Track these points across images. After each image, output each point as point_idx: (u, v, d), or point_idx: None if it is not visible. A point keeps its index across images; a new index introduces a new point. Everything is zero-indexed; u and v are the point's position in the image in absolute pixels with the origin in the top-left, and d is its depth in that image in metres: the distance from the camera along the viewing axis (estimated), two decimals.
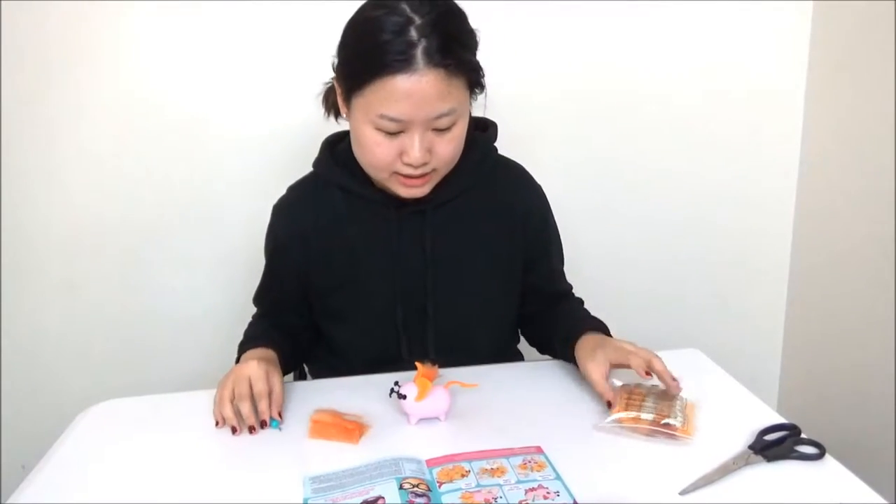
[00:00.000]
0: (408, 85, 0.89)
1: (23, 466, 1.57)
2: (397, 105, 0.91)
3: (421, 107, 0.91)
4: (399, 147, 0.95)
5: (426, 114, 0.92)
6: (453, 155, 1.00)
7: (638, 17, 1.66)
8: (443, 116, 0.93)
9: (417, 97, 0.90)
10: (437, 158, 0.98)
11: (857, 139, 1.62)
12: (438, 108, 0.92)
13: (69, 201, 1.64)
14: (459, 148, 1.00)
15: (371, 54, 0.90)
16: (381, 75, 0.90)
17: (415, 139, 0.94)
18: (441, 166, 1.00)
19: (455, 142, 0.98)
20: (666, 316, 1.86)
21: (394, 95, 0.90)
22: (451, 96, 0.92)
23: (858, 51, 1.60)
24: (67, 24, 1.52)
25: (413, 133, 0.94)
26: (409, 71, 0.89)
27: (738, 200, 1.82)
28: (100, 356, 1.73)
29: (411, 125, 0.93)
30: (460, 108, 0.95)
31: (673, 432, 0.89)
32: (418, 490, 0.80)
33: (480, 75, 0.99)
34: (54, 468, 0.91)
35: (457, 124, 0.97)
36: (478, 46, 0.98)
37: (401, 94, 0.90)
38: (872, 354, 1.58)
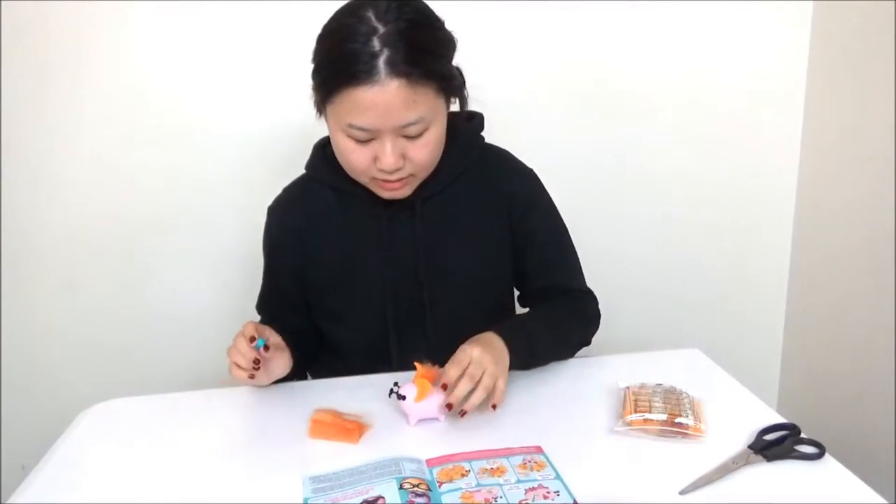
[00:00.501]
0: (371, 96, 0.89)
1: (23, 466, 1.57)
2: (363, 115, 0.91)
3: (386, 116, 0.91)
4: (372, 153, 0.96)
5: (392, 123, 0.92)
6: (429, 159, 1.00)
7: (638, 16, 1.66)
8: (410, 125, 0.93)
9: (382, 107, 0.90)
10: (412, 164, 0.98)
11: (857, 139, 1.62)
12: (405, 117, 0.92)
13: (69, 201, 1.64)
14: (435, 152, 1.00)
15: (336, 65, 0.91)
16: (345, 86, 0.90)
17: (385, 146, 0.94)
18: (418, 171, 1.00)
19: (429, 146, 0.98)
20: (666, 316, 1.86)
21: (359, 106, 0.91)
22: (417, 104, 0.92)
23: (858, 51, 1.60)
24: (67, 24, 1.52)
25: (384, 140, 0.94)
26: (371, 82, 0.89)
27: (738, 200, 1.82)
28: (100, 356, 1.73)
29: (380, 133, 0.94)
30: (430, 115, 0.95)
31: (685, 431, 0.89)
32: (418, 490, 0.80)
33: (454, 82, 0.99)
34: (54, 468, 0.91)
35: (429, 130, 0.96)
36: (453, 51, 0.98)
37: (365, 104, 0.90)
38: (872, 354, 1.58)
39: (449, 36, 0.98)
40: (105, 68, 1.57)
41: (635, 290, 1.85)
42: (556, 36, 1.65)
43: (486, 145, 1.17)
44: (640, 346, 1.23)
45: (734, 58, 1.72)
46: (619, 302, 1.84)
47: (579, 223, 1.76)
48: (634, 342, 1.73)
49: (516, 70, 1.65)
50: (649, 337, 1.81)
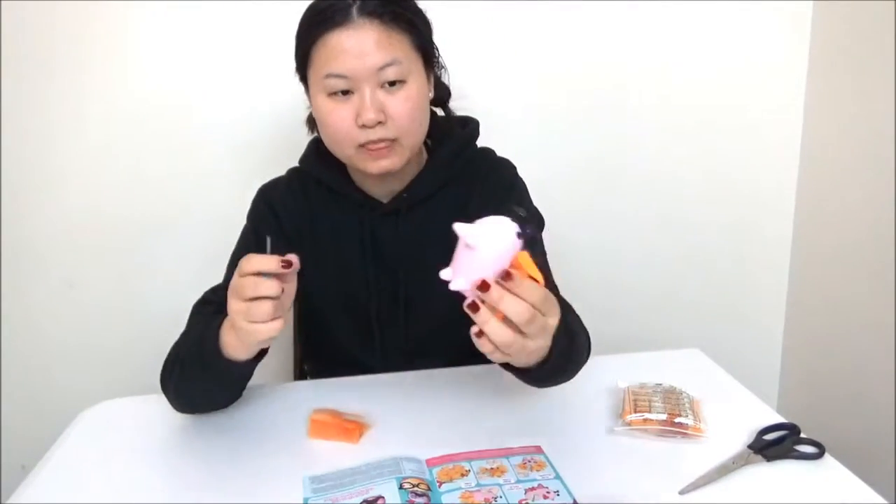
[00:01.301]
0: (344, 38, 0.93)
1: (23, 466, 1.57)
2: (338, 60, 0.94)
3: (361, 58, 0.93)
4: (353, 112, 0.96)
5: (368, 65, 0.93)
6: (410, 118, 0.98)
7: (638, 16, 1.66)
8: (387, 67, 0.94)
9: (357, 49, 0.93)
10: (393, 122, 0.97)
11: (857, 139, 1.62)
12: (379, 57, 0.93)
13: (69, 201, 1.64)
14: (417, 113, 0.99)
15: (311, 21, 0.97)
16: (320, 35, 0.94)
17: (364, 95, 0.94)
18: (401, 133, 0.98)
19: (410, 102, 0.97)
20: (666, 316, 1.86)
21: (334, 51, 0.94)
22: (392, 47, 0.94)
23: (858, 51, 1.60)
24: (67, 24, 1.52)
25: (362, 90, 0.95)
26: (345, 25, 0.93)
27: (738, 200, 1.82)
28: (100, 356, 1.73)
29: (358, 82, 0.94)
30: (407, 62, 0.96)
31: (685, 431, 0.89)
32: (418, 490, 0.80)
33: (430, 48, 1.02)
34: (54, 468, 0.92)
35: (408, 83, 0.97)
36: (427, 24, 1.02)
37: (340, 48, 0.93)
38: (872, 354, 1.58)
39: (421, 10, 1.01)
40: (105, 68, 1.57)
41: (635, 290, 1.85)
42: (555, 36, 1.65)
43: (482, 153, 1.15)
44: (639, 346, 1.23)
45: (734, 58, 1.72)
46: (619, 301, 1.85)
47: (579, 223, 1.77)
48: (634, 342, 1.74)
49: (514, 69, 1.65)
50: (649, 337, 1.81)
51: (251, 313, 0.79)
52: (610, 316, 1.81)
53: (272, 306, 0.79)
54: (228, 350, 0.87)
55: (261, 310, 0.78)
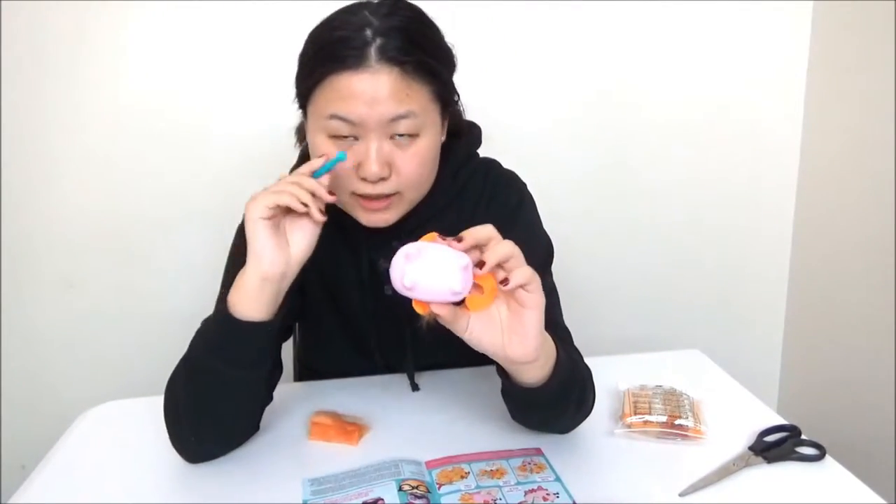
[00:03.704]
0: (358, 82, 0.81)
1: (23, 467, 1.57)
2: (347, 104, 0.82)
3: (373, 107, 0.82)
4: (354, 159, 0.85)
5: (380, 115, 0.82)
6: (418, 175, 0.88)
7: (637, 17, 1.66)
8: (400, 119, 0.83)
9: (369, 95, 0.82)
10: (399, 177, 0.87)
11: (856, 139, 1.62)
12: (393, 109, 0.83)
13: (69, 201, 1.64)
14: (426, 169, 0.89)
15: (322, 52, 0.84)
16: (330, 73, 0.83)
17: (370, 147, 0.84)
18: (406, 188, 0.88)
19: (419, 158, 0.87)
20: (666, 317, 1.86)
21: (343, 93, 0.82)
22: (409, 99, 0.83)
23: (858, 51, 1.60)
24: (67, 24, 1.52)
25: (368, 140, 0.84)
26: (361, 67, 0.81)
27: (739, 201, 1.82)
28: (100, 356, 1.73)
29: (365, 130, 0.84)
30: (423, 115, 0.85)
31: (685, 433, 0.89)
32: (418, 492, 0.80)
33: (451, 95, 0.92)
34: (55, 469, 0.91)
35: (421, 137, 0.86)
36: (453, 65, 0.92)
37: (351, 91, 0.82)
38: (873, 355, 1.58)
39: (448, 47, 0.91)
40: (105, 69, 1.57)
41: (636, 291, 1.85)
42: (555, 37, 1.65)
43: (486, 167, 1.05)
44: (639, 348, 1.23)
45: (734, 58, 1.72)
46: (620, 303, 1.85)
47: (579, 224, 1.77)
48: (634, 343, 1.74)
49: (514, 71, 1.65)
50: (649, 338, 1.81)
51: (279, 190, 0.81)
52: (610, 317, 1.81)
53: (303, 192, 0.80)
54: (239, 306, 0.82)
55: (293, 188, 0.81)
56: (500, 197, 1.02)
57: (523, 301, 0.72)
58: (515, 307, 0.73)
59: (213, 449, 0.89)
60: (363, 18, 0.84)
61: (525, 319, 0.73)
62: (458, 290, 0.69)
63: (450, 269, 0.69)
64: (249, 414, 0.92)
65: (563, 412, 0.87)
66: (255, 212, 0.80)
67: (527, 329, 0.73)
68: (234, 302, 0.82)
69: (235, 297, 0.82)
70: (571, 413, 0.88)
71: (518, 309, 0.73)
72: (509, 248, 0.71)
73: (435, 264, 0.69)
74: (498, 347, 0.75)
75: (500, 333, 0.75)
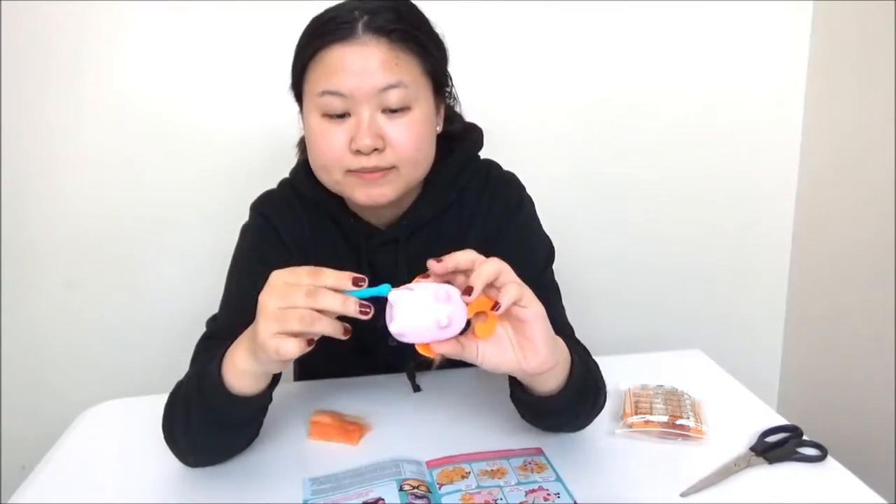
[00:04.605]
0: (346, 54, 0.84)
1: (23, 467, 1.57)
2: (337, 77, 0.84)
3: (363, 77, 0.83)
4: (347, 135, 0.86)
5: (370, 85, 0.84)
6: (413, 148, 0.88)
7: (637, 17, 1.66)
8: (390, 88, 0.84)
9: (359, 66, 0.83)
10: (393, 149, 0.86)
11: (857, 139, 1.62)
12: (383, 79, 0.84)
13: (69, 201, 1.63)
14: (421, 143, 0.88)
15: (313, 32, 0.88)
16: (321, 48, 0.85)
17: (362, 118, 0.85)
18: (401, 162, 0.87)
19: (412, 131, 0.87)
20: (666, 317, 1.86)
21: (333, 66, 0.84)
22: (398, 69, 0.85)
23: (858, 51, 1.60)
24: (67, 24, 1.52)
25: (360, 113, 0.85)
26: (349, 40, 0.84)
27: (738, 200, 1.82)
28: (100, 356, 1.72)
29: (356, 103, 0.84)
30: (413, 87, 0.86)
31: (687, 433, 0.89)
32: (418, 491, 0.80)
33: (442, 74, 0.93)
34: (54, 469, 0.91)
35: (413, 110, 0.87)
36: (443, 49, 0.94)
37: (340, 64, 0.84)
38: (873, 355, 1.58)
39: (437, 33, 0.93)
40: (105, 68, 1.57)
41: (636, 292, 1.85)
42: (555, 38, 1.65)
43: (486, 168, 1.04)
44: (640, 348, 1.23)
45: (734, 58, 1.72)
46: (620, 303, 1.85)
47: (579, 224, 1.77)
48: (635, 343, 1.74)
49: (514, 72, 1.65)
50: (650, 338, 1.81)
51: (298, 322, 0.68)
52: (611, 317, 1.81)
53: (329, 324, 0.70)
54: (234, 383, 0.78)
55: (314, 323, 0.69)
56: (499, 198, 1.01)
57: (521, 316, 0.72)
58: (516, 323, 0.73)
59: (213, 461, 0.90)
60: (353, 3, 0.87)
61: (529, 332, 0.73)
62: (445, 323, 0.67)
63: (428, 304, 0.67)
64: (247, 441, 0.92)
65: (579, 413, 0.88)
66: (285, 352, 0.70)
67: (535, 340, 0.73)
68: (229, 378, 0.78)
69: (230, 374, 0.78)
70: (587, 412, 0.89)
71: (519, 324, 0.73)
72: (495, 266, 0.70)
73: (414, 304, 0.68)
74: (514, 365, 0.74)
75: (512, 351, 0.74)
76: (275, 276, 0.72)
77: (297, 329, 0.69)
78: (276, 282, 0.71)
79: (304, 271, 0.71)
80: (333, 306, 0.69)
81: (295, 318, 0.69)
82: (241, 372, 0.77)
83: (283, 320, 0.69)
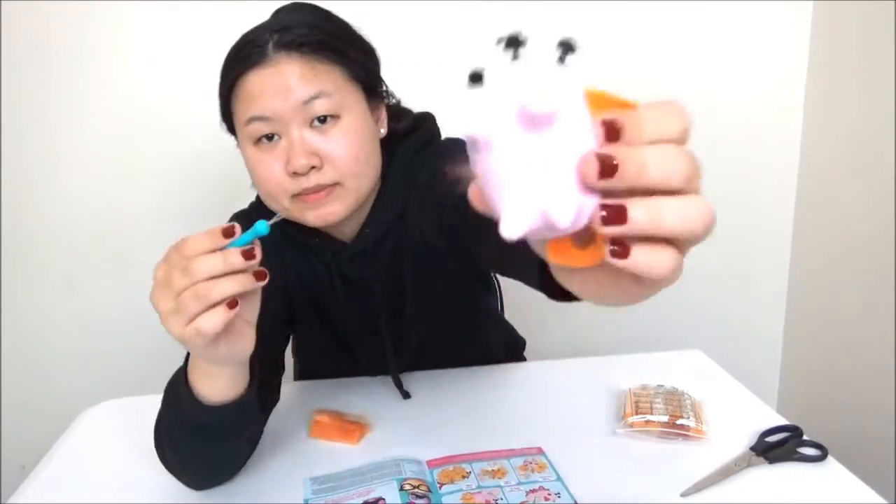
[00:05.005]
0: (263, 76, 0.82)
1: (23, 466, 1.57)
2: (259, 101, 0.82)
3: (283, 96, 0.81)
4: (283, 159, 0.83)
5: (291, 102, 0.81)
6: (351, 158, 0.84)
7: (637, 17, 1.66)
8: (313, 101, 0.82)
9: (277, 86, 0.82)
10: (331, 164, 0.83)
11: (857, 139, 1.62)
12: (303, 92, 0.81)
13: (69, 201, 1.63)
14: (359, 152, 0.85)
15: (229, 63, 0.86)
16: (238, 77, 0.84)
17: (292, 138, 0.82)
18: (343, 176, 0.84)
19: (345, 139, 0.83)
20: (666, 317, 1.86)
21: (253, 92, 0.83)
22: (317, 79, 0.82)
23: (858, 51, 1.60)
24: (68, 23, 1.52)
25: (289, 133, 0.82)
26: (264, 62, 0.82)
27: (738, 201, 1.82)
28: (100, 356, 1.72)
29: (284, 124, 0.82)
30: (337, 94, 0.83)
31: (687, 433, 0.89)
32: (419, 491, 0.80)
33: (368, 74, 0.89)
34: (54, 468, 0.91)
35: (342, 118, 0.84)
36: (370, 53, 0.91)
37: (259, 88, 0.82)
38: (873, 355, 1.58)
39: (361, 36, 0.90)
40: (106, 68, 1.57)
41: None
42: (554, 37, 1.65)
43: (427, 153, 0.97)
44: (641, 348, 1.23)
45: (734, 58, 1.72)
46: None
47: None
48: (635, 343, 1.73)
49: None
50: (650, 338, 1.81)
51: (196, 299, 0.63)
52: (611, 317, 1.80)
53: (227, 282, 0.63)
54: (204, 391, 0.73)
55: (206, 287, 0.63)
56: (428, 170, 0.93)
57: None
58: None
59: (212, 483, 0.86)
60: (263, 25, 0.87)
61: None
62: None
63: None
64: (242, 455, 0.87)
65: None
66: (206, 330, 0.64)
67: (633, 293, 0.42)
68: (198, 387, 0.74)
69: (198, 383, 0.74)
70: None
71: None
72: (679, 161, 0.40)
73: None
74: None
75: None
76: (154, 272, 0.67)
77: (198, 308, 0.63)
78: (155, 276, 0.67)
79: (171, 251, 0.67)
80: (214, 269, 0.64)
81: (189, 300, 0.63)
82: (204, 374, 0.73)
83: (180, 309, 0.64)
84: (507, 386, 1.07)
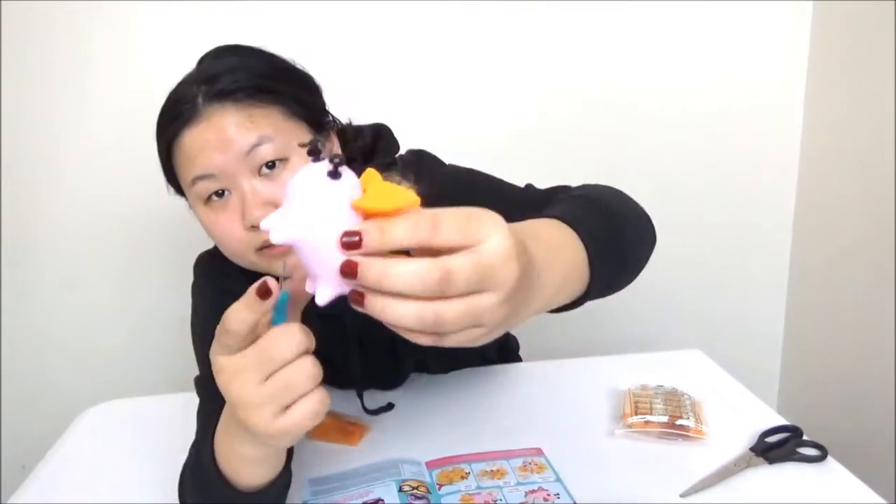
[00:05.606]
0: (198, 134, 0.79)
1: (23, 466, 1.57)
2: (199, 160, 0.79)
3: (223, 149, 0.77)
4: (237, 214, 0.80)
5: (233, 154, 0.77)
6: None
7: (637, 17, 1.66)
8: (255, 149, 0.77)
9: (214, 140, 0.77)
10: None
11: (856, 139, 1.62)
12: (243, 141, 0.77)
13: (69, 201, 1.63)
14: None
15: (162, 123, 0.83)
16: (174, 138, 0.81)
17: (243, 191, 0.78)
18: None
19: None
20: (666, 316, 1.86)
21: (191, 151, 0.79)
22: (254, 126, 0.78)
23: (858, 51, 1.60)
24: (69, 22, 1.52)
25: (239, 186, 0.78)
26: (196, 119, 0.79)
27: (739, 200, 1.82)
28: (100, 356, 1.72)
29: (231, 179, 0.78)
30: (280, 136, 0.79)
31: (687, 433, 0.89)
32: (418, 492, 0.80)
33: (309, 107, 0.85)
34: (54, 468, 0.92)
35: (291, 160, 0.80)
36: (304, 83, 0.87)
37: (197, 146, 0.79)
38: (873, 355, 1.58)
39: (294, 67, 0.87)
40: (106, 68, 1.56)
41: (635, 291, 1.83)
42: (553, 37, 1.65)
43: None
44: (640, 348, 1.23)
45: (734, 58, 1.72)
46: (620, 303, 1.84)
47: None
48: (635, 343, 1.74)
49: (514, 73, 1.65)
50: (650, 338, 1.81)
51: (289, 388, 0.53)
52: (611, 317, 1.81)
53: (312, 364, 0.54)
54: (238, 475, 0.66)
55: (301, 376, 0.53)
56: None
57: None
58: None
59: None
60: (190, 76, 0.84)
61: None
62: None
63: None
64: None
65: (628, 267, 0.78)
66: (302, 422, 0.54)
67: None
68: (235, 476, 0.66)
69: (234, 469, 0.66)
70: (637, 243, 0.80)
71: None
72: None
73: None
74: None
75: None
76: (216, 361, 0.56)
77: (291, 398, 0.53)
78: (225, 365, 0.55)
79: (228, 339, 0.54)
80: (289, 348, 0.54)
81: (280, 388, 0.53)
82: (244, 462, 0.65)
83: (274, 398, 0.53)
84: (506, 387, 1.07)
